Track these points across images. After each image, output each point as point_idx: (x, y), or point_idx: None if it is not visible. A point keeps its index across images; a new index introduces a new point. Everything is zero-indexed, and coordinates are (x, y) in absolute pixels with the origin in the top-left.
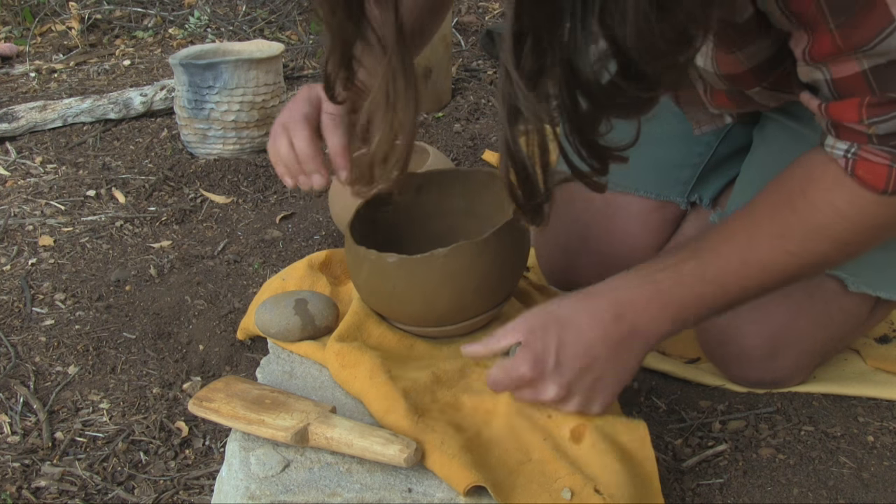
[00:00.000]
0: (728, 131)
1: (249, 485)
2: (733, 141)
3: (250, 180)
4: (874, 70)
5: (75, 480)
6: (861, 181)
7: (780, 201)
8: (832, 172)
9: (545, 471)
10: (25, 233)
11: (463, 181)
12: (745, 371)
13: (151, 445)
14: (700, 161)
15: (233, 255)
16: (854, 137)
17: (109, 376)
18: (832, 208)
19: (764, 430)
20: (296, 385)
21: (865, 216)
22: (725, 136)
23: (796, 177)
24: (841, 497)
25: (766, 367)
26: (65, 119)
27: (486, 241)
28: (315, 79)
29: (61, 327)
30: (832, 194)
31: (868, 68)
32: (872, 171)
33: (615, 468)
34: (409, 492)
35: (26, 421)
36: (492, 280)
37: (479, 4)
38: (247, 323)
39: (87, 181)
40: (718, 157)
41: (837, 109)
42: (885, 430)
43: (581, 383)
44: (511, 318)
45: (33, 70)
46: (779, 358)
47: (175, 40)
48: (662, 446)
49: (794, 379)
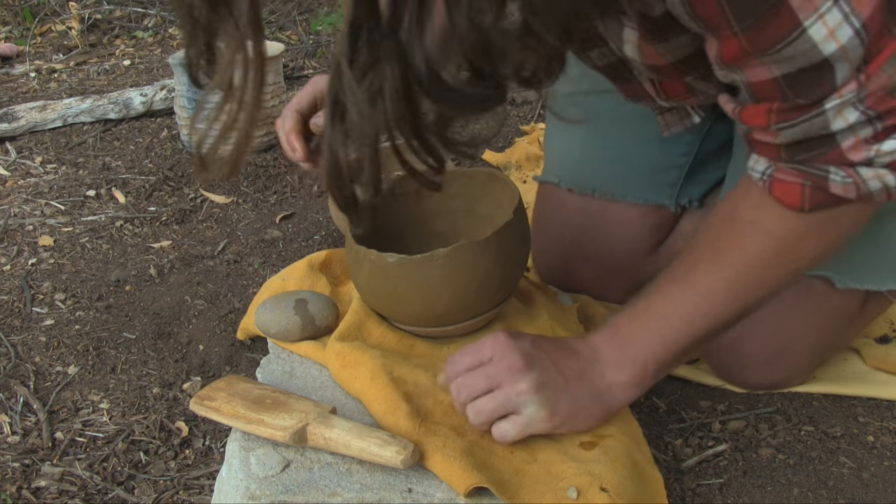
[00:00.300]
0: (710, 129)
1: (249, 485)
2: (717, 137)
3: (250, 180)
4: (786, 77)
5: (75, 480)
6: (779, 201)
7: (716, 225)
8: (755, 193)
9: (551, 471)
10: (25, 233)
11: (463, 181)
12: (744, 376)
13: (151, 445)
14: (685, 161)
15: (233, 255)
16: (767, 153)
17: (109, 376)
18: (759, 228)
19: (764, 430)
20: (296, 385)
21: (793, 232)
22: (708, 133)
23: (729, 199)
24: (841, 497)
25: (764, 371)
26: (65, 119)
27: (487, 241)
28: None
29: (61, 327)
30: (757, 213)
31: (780, 75)
32: (787, 190)
33: (624, 473)
34: (409, 492)
35: (26, 421)
36: (492, 280)
37: None
38: (247, 323)
39: (87, 181)
40: (703, 156)
41: (749, 113)
42: (885, 430)
43: (545, 372)
44: (511, 317)
45: (33, 70)
46: (776, 361)
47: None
48: (662, 446)
49: (795, 380)
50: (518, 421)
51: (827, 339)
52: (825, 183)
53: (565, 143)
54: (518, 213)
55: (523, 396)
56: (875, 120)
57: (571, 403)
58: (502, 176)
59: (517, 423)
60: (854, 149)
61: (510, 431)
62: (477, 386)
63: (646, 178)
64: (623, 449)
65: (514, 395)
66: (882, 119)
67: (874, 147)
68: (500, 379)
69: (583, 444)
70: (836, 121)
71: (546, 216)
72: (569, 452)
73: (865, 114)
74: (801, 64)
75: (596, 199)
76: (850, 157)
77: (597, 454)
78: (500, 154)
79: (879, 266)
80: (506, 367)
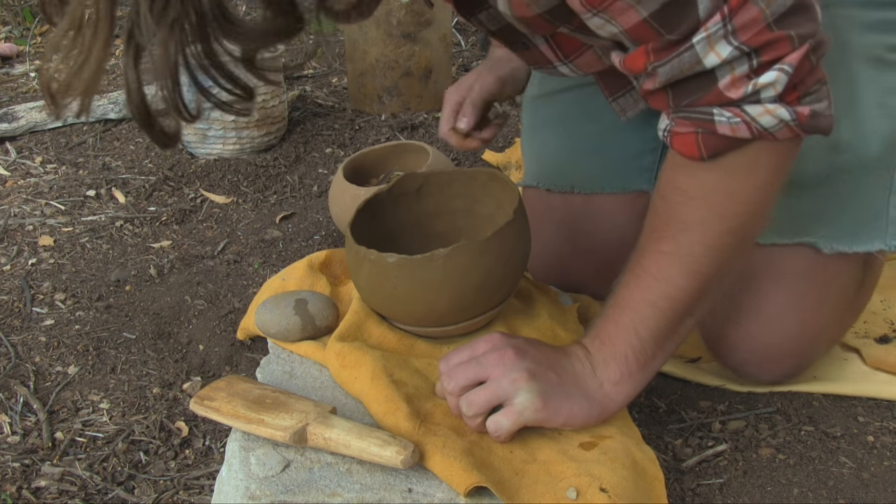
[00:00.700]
0: None
1: (249, 485)
2: None
3: (250, 180)
4: (654, 15)
5: (75, 480)
6: (681, 154)
7: (653, 202)
8: (670, 156)
9: (551, 471)
10: (25, 233)
11: (463, 181)
12: (766, 369)
13: (151, 445)
14: (656, 144)
15: (233, 255)
16: (658, 103)
17: (109, 376)
18: (680, 191)
19: (764, 430)
20: (296, 385)
21: (707, 186)
22: None
23: (660, 173)
24: (841, 497)
25: (788, 360)
26: (65, 119)
27: (487, 241)
28: (315, 79)
29: (61, 327)
30: (675, 176)
31: (647, 15)
32: (684, 142)
33: (623, 474)
34: (409, 492)
35: (26, 421)
36: (492, 280)
37: None
38: (247, 323)
39: (87, 181)
40: None
41: (630, 59)
42: (885, 430)
43: (539, 363)
44: (511, 317)
45: (33, 70)
46: (798, 347)
47: None
48: (662, 446)
49: (814, 361)
50: (511, 410)
51: (842, 311)
52: (712, 125)
53: (539, 145)
54: (518, 213)
55: (515, 384)
56: (752, 55)
57: (565, 398)
58: (502, 176)
59: (510, 413)
60: (731, 86)
61: (504, 423)
62: (467, 374)
63: (621, 166)
64: (623, 449)
65: (506, 384)
66: (759, 54)
67: (751, 82)
68: (491, 369)
69: (582, 445)
70: (707, 56)
71: (535, 220)
72: (568, 452)
73: (740, 49)
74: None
75: (577, 195)
76: (728, 94)
77: (596, 454)
78: (500, 154)
79: (864, 226)
80: (497, 357)
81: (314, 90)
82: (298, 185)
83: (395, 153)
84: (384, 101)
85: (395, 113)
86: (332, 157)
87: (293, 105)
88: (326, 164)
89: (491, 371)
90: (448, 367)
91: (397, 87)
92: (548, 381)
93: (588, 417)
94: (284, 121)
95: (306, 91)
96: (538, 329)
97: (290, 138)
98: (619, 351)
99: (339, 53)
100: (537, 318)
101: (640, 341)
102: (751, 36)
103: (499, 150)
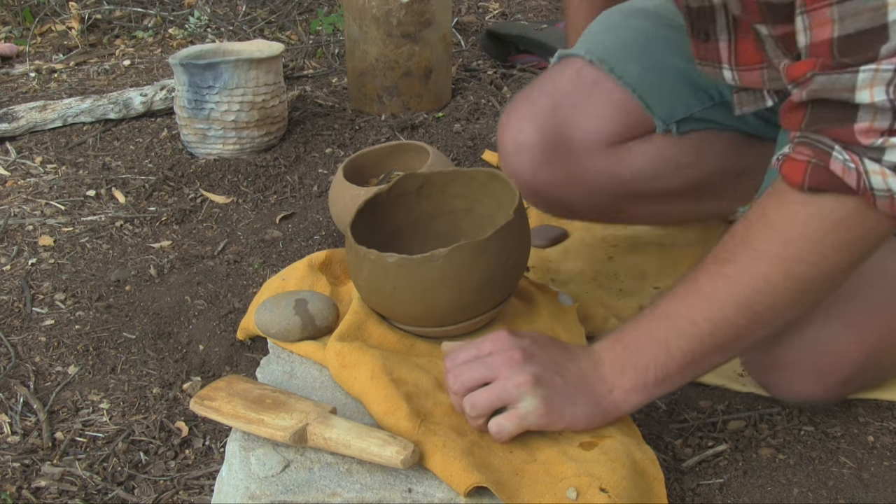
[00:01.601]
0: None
1: (249, 485)
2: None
3: (250, 180)
4: (842, 38)
5: (75, 480)
6: (784, 178)
7: (734, 226)
8: (770, 186)
9: (551, 471)
10: (25, 233)
11: (463, 181)
12: (839, 388)
13: (151, 445)
14: (709, 104)
15: (233, 255)
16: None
17: (109, 376)
18: (762, 217)
19: (764, 430)
20: (296, 385)
21: (791, 222)
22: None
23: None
24: (841, 497)
25: (859, 377)
26: (65, 119)
27: (487, 241)
28: (315, 79)
29: (61, 327)
30: (766, 203)
31: (837, 37)
32: (794, 167)
33: (623, 474)
34: (409, 492)
35: (26, 421)
36: (492, 280)
37: (479, 4)
38: (247, 323)
39: (87, 181)
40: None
41: (795, 68)
42: (885, 430)
43: (545, 367)
44: (511, 317)
45: (33, 70)
46: (871, 363)
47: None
48: (662, 446)
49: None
50: (514, 414)
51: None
52: (827, 159)
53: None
54: (518, 213)
55: (521, 388)
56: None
57: (569, 403)
58: (502, 176)
59: (513, 417)
60: (866, 132)
61: (506, 426)
62: (473, 375)
63: (663, 80)
64: (623, 449)
65: (511, 387)
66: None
67: (885, 137)
68: (497, 370)
69: (582, 445)
70: (862, 92)
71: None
72: (568, 453)
73: (892, 102)
74: (862, 25)
75: (594, 66)
76: (859, 138)
77: (596, 454)
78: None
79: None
80: (505, 359)
81: (314, 90)
82: (298, 185)
83: (395, 153)
84: (384, 101)
85: (394, 113)
86: (332, 157)
87: (293, 105)
88: (326, 164)
89: (497, 373)
90: (454, 364)
91: (397, 87)
92: (553, 386)
93: (590, 423)
94: (284, 121)
95: (306, 91)
96: (538, 329)
97: (290, 138)
98: (641, 361)
99: (339, 53)
100: (537, 318)
101: (667, 357)
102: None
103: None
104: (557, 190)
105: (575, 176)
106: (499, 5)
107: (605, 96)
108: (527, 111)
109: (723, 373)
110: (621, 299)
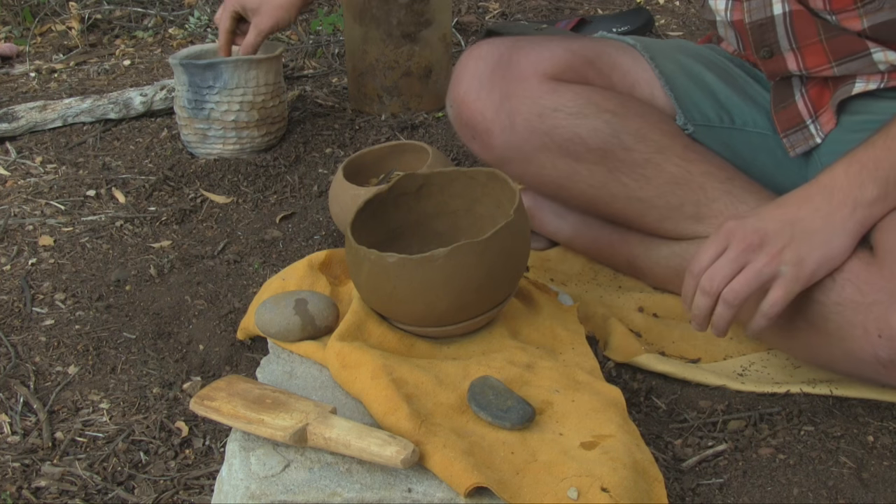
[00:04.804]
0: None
1: (249, 485)
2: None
3: (250, 180)
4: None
5: (75, 480)
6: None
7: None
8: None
9: (552, 471)
10: (25, 233)
11: (463, 181)
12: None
13: (151, 445)
14: (749, 122)
15: (233, 255)
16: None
17: (109, 376)
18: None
19: (764, 430)
20: (296, 385)
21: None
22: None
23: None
24: (841, 497)
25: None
26: (65, 119)
27: (487, 241)
28: (315, 79)
29: (61, 327)
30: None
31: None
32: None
33: (624, 473)
34: (409, 492)
35: (26, 421)
36: (492, 280)
37: (479, 4)
38: (247, 323)
39: (87, 181)
40: (758, 144)
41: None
42: (885, 430)
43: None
44: (511, 317)
45: (33, 70)
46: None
47: (175, 40)
48: (662, 446)
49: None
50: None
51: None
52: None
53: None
54: (518, 213)
55: (771, 265)
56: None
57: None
58: (502, 176)
59: (778, 289)
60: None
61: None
62: (725, 271)
63: (693, 86)
64: (624, 449)
65: (762, 268)
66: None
67: None
68: (743, 259)
69: (583, 444)
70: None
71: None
72: (569, 452)
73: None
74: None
75: (636, 49)
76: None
77: (597, 454)
78: None
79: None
80: (745, 247)
81: (314, 90)
82: (298, 185)
83: (394, 153)
84: (384, 101)
85: (394, 113)
86: (332, 157)
87: (293, 105)
88: (326, 164)
89: (744, 260)
90: (700, 268)
91: (397, 87)
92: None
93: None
94: (284, 121)
95: (306, 91)
96: (538, 329)
97: (290, 138)
98: (881, 174)
99: (339, 53)
100: (537, 318)
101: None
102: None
103: None
104: (489, 124)
105: (509, 103)
106: (499, 5)
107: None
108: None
109: (723, 373)
110: (621, 297)
